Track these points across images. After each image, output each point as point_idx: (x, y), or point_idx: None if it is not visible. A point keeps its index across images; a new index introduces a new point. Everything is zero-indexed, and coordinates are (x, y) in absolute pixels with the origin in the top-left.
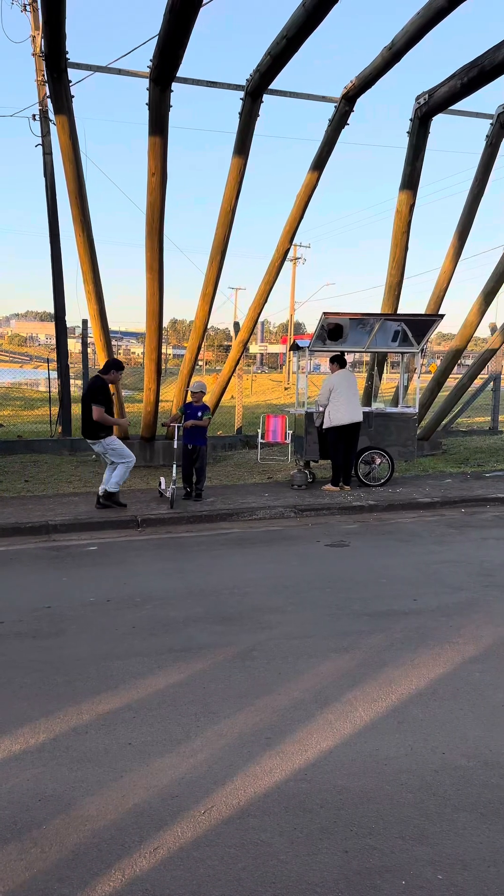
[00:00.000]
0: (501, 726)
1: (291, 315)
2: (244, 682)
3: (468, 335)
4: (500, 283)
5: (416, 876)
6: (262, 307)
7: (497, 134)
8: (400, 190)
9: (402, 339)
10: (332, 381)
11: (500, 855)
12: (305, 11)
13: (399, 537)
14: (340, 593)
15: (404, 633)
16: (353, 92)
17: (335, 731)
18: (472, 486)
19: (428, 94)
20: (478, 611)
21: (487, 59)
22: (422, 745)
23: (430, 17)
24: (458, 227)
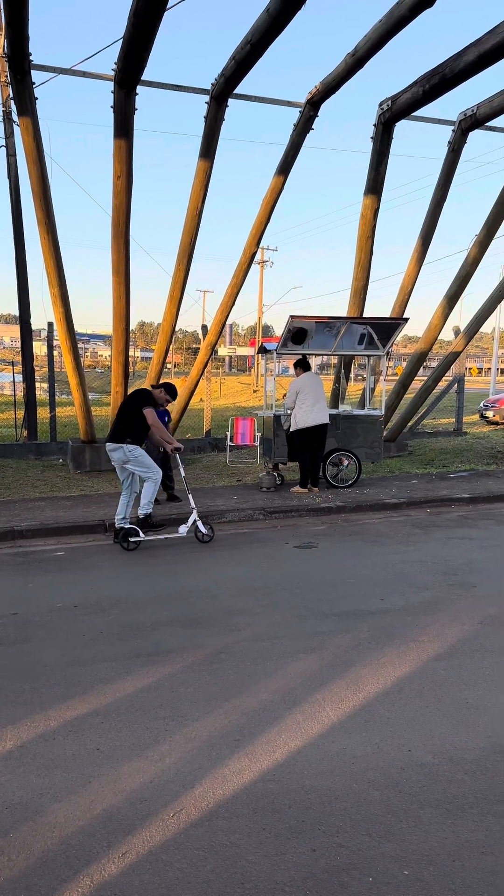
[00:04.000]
0: (466, 723)
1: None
2: (213, 685)
3: (432, 338)
4: (463, 287)
5: (382, 872)
6: (230, 310)
7: (458, 140)
8: (364, 195)
9: (368, 342)
10: (298, 384)
11: (465, 850)
12: (269, 17)
13: (366, 538)
14: (309, 594)
15: (371, 633)
16: (317, 97)
17: (303, 731)
18: (438, 486)
19: (391, 101)
20: (443, 609)
21: (448, 66)
22: (388, 743)
23: (392, 24)
24: (422, 231)
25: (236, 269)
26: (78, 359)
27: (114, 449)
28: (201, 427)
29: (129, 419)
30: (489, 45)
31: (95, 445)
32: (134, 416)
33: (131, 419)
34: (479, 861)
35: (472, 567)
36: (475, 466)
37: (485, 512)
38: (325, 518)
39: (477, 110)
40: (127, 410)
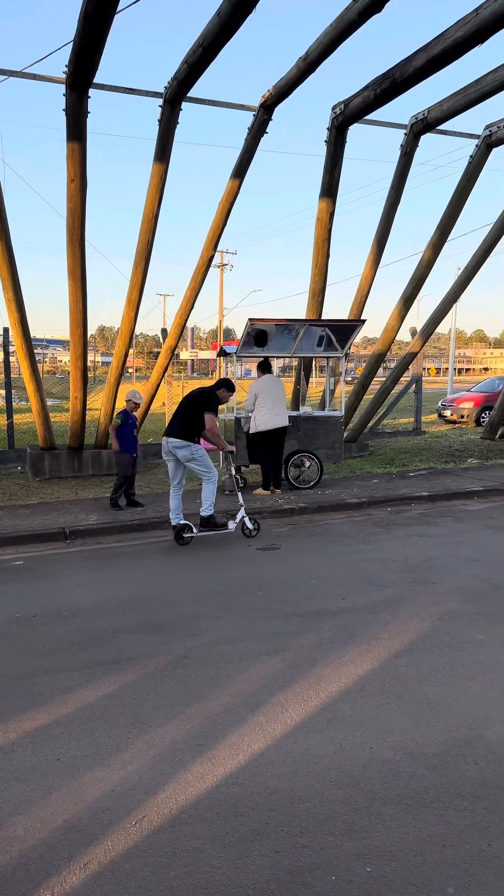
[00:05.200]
0: (426, 718)
1: (220, 321)
2: (175, 691)
3: (390, 339)
4: (419, 289)
5: (345, 870)
6: (189, 313)
7: (410, 144)
8: (320, 198)
9: (327, 344)
10: (256, 386)
11: (426, 844)
12: (220, 21)
13: (328, 538)
14: (271, 596)
15: (333, 632)
16: (270, 101)
17: (266, 733)
18: (398, 485)
19: (344, 104)
20: (403, 606)
21: (398, 71)
22: (350, 742)
23: (342, 29)
24: (377, 234)
25: (194, 273)
26: (34, 365)
27: (180, 446)
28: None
29: (195, 419)
30: (437, 50)
31: (55, 452)
32: (199, 417)
33: (197, 420)
34: (440, 855)
35: (431, 564)
36: (434, 465)
37: (443, 509)
38: (288, 519)
39: (428, 114)
40: (191, 411)
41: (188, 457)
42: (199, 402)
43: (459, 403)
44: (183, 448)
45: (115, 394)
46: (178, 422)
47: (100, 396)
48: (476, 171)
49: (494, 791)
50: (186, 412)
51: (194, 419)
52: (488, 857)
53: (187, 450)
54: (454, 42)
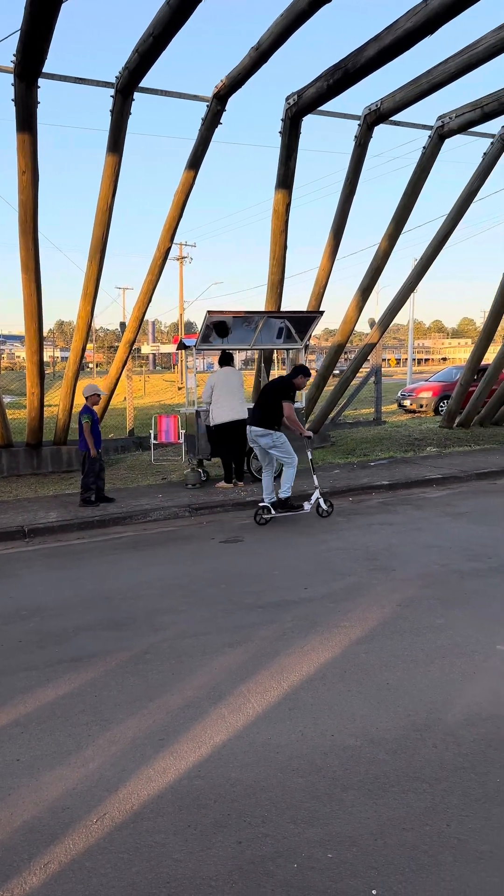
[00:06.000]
0: (386, 703)
1: (181, 314)
2: (137, 687)
3: (348, 330)
4: (375, 280)
5: (307, 857)
6: (147, 306)
7: (364, 135)
8: (276, 189)
9: (287, 336)
10: (213, 379)
11: (386, 828)
12: (170, 9)
13: (291, 529)
14: (234, 588)
15: (295, 622)
16: (223, 91)
17: (228, 724)
18: (359, 475)
19: (297, 95)
20: (364, 594)
21: (350, 61)
22: (312, 730)
23: (293, 19)
24: (333, 226)
25: (151, 265)
26: None
27: (262, 434)
28: (124, 426)
29: (275, 408)
30: (388, 41)
31: (13, 450)
32: (278, 405)
33: (276, 408)
34: (400, 837)
35: (391, 551)
36: (394, 454)
37: (403, 497)
38: (251, 512)
39: (381, 105)
40: (269, 400)
41: (269, 444)
42: (278, 392)
43: (419, 393)
44: (265, 436)
45: (74, 389)
46: (260, 411)
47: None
48: (429, 162)
49: (453, 773)
50: (267, 402)
51: (274, 408)
52: (447, 837)
53: (269, 438)
54: (405, 32)
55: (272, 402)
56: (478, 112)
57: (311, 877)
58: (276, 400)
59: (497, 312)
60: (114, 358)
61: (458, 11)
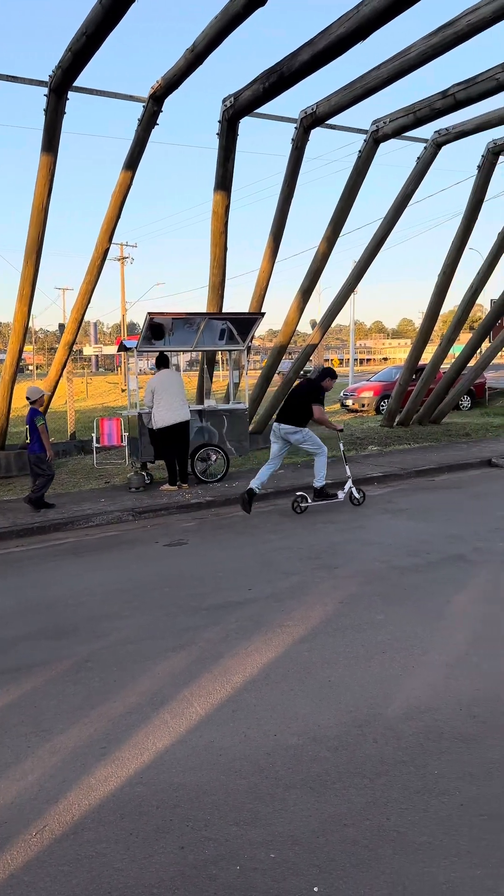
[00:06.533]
0: (328, 700)
1: (123, 315)
2: (78, 695)
3: (290, 332)
4: (315, 282)
5: (250, 859)
6: (86, 308)
7: (301, 138)
8: (214, 191)
9: (229, 338)
10: (153, 382)
11: (328, 824)
12: (103, 9)
13: (236, 530)
14: (178, 592)
15: (239, 623)
16: (160, 92)
17: (171, 729)
18: (303, 474)
19: (234, 97)
20: (307, 593)
21: (285, 65)
22: (255, 731)
23: (228, 21)
24: (273, 228)
25: (89, 266)
26: None
27: (292, 432)
28: (65, 430)
29: (304, 408)
30: (321, 46)
31: None
32: (307, 406)
33: (305, 408)
34: (341, 833)
35: (334, 549)
36: (336, 453)
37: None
38: (196, 514)
39: (317, 108)
40: (299, 402)
41: (300, 440)
42: (309, 395)
43: (360, 393)
44: (295, 433)
45: (11, 392)
46: (291, 411)
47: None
48: (365, 166)
49: (392, 767)
50: (297, 403)
51: (304, 408)
52: (387, 831)
53: (299, 434)
54: (337, 38)
55: (302, 403)
56: (411, 117)
57: (254, 878)
58: (307, 401)
59: (433, 314)
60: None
61: (388, 18)
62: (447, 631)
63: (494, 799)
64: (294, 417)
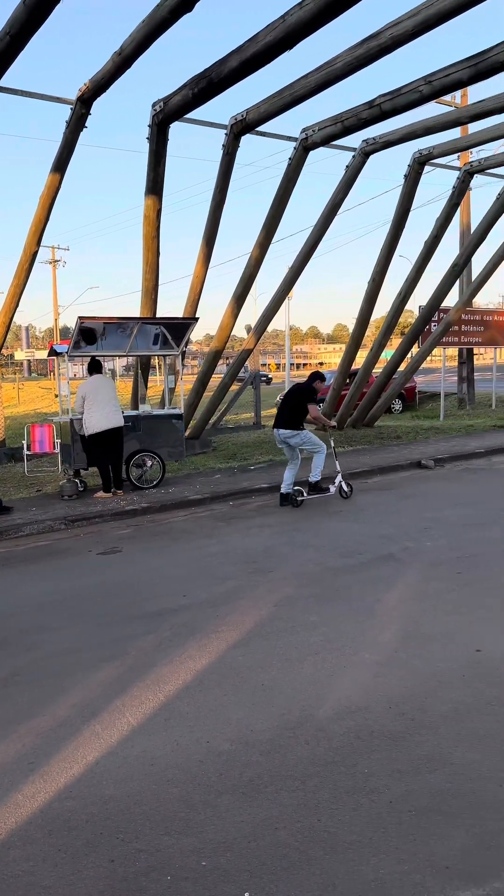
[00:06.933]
0: (261, 704)
1: (56, 319)
2: (5, 711)
3: (225, 336)
4: (249, 287)
5: (181, 868)
6: (14, 312)
7: (232, 144)
8: (146, 195)
9: (163, 342)
10: (84, 388)
11: (260, 829)
12: (26, 9)
13: (172, 536)
14: (112, 601)
15: (173, 631)
16: (87, 95)
17: (102, 741)
18: (239, 479)
19: (163, 102)
20: (242, 597)
21: (214, 71)
22: (188, 738)
23: (155, 26)
24: (205, 233)
25: (17, 269)
26: None
27: (290, 435)
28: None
29: (299, 410)
30: (250, 53)
31: None
32: (302, 409)
33: (300, 410)
34: (273, 837)
35: (269, 553)
36: (273, 457)
37: None
38: (131, 521)
39: (247, 115)
40: (293, 404)
41: (299, 442)
42: (303, 397)
43: None
44: (293, 436)
45: None
46: (286, 416)
47: None
48: (295, 173)
49: (324, 767)
50: (292, 405)
51: (299, 410)
52: (318, 832)
53: (298, 437)
54: (265, 45)
55: (297, 405)
56: (339, 126)
57: (185, 887)
58: (301, 403)
59: (363, 320)
60: None
61: (314, 28)
62: (377, 630)
63: (422, 794)
64: (290, 422)
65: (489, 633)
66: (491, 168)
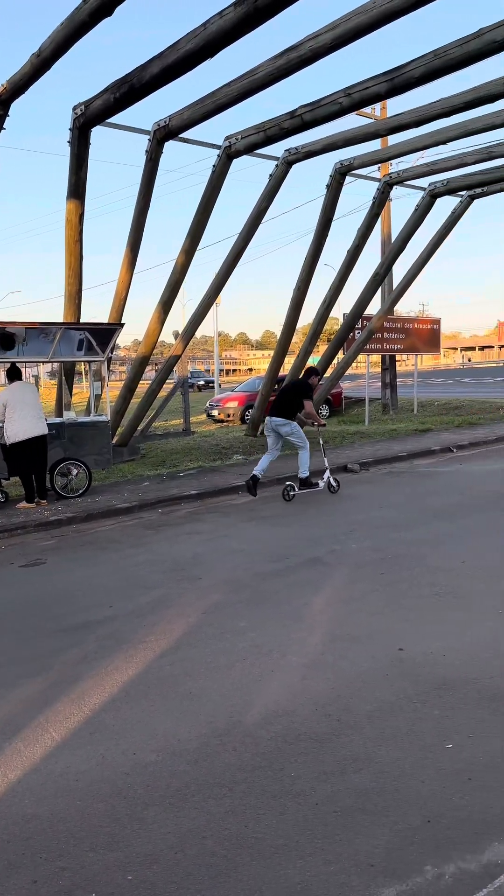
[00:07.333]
0: (188, 713)
1: None
2: None
3: (152, 342)
4: (175, 293)
5: (106, 884)
6: None
7: (155, 150)
8: (67, 199)
9: (88, 348)
10: (4, 396)
11: (187, 839)
12: None
13: (98, 546)
14: (35, 614)
15: (99, 643)
16: (5, 96)
17: (24, 758)
18: (168, 486)
19: (84, 106)
20: (170, 606)
21: (136, 76)
22: (113, 751)
23: (74, 29)
24: (130, 239)
25: None
26: None
27: (282, 424)
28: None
29: (294, 404)
30: (171, 60)
31: None
32: (297, 402)
33: (294, 403)
34: (200, 847)
35: (198, 560)
36: (202, 463)
37: (212, 506)
38: (55, 531)
39: (170, 122)
40: (289, 398)
41: (288, 432)
42: (299, 392)
43: (225, 403)
44: (284, 426)
45: None
46: (282, 406)
47: None
48: (220, 180)
49: (251, 773)
50: (287, 399)
51: (294, 403)
52: (245, 838)
53: (288, 427)
54: (186, 53)
55: (292, 399)
56: (261, 135)
57: None
58: (297, 397)
59: (290, 326)
60: None
61: (234, 38)
62: (305, 633)
63: (347, 794)
64: (285, 411)
65: (410, 632)
66: (409, 180)
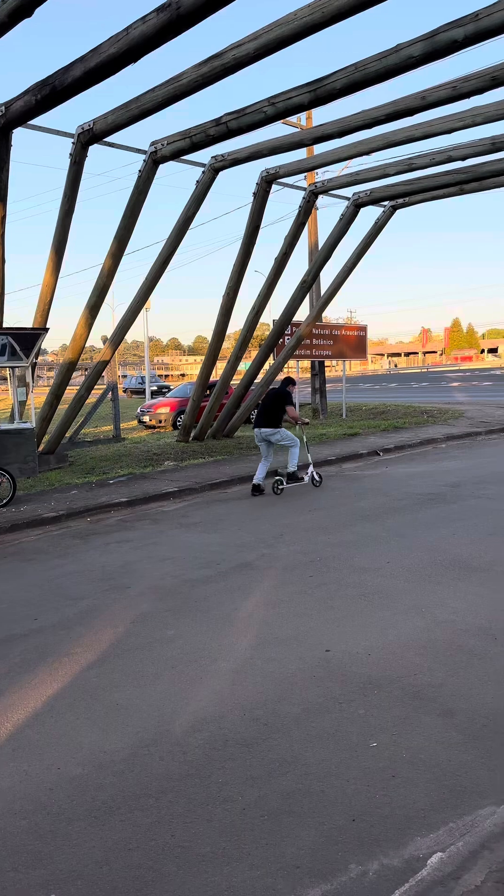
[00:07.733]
0: (115, 725)
1: None
2: None
3: (79, 347)
4: (103, 298)
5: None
6: None
7: (79, 153)
8: None
9: (11, 353)
10: None
11: (112, 852)
12: None
13: (22, 557)
14: None
15: (24, 656)
16: None
17: None
18: (98, 493)
19: (5, 107)
20: (98, 616)
21: (57, 79)
22: (37, 767)
23: None
24: (54, 242)
25: None
26: None
27: (271, 433)
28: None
29: (278, 411)
30: (93, 63)
31: None
32: (280, 409)
33: (279, 411)
34: (126, 859)
35: (127, 569)
36: (133, 470)
37: (142, 513)
38: None
39: (94, 125)
40: (273, 406)
41: (279, 439)
42: (281, 400)
43: (157, 409)
44: (274, 434)
45: None
46: (267, 416)
47: None
48: (146, 185)
49: (178, 782)
50: (272, 408)
51: (278, 411)
52: (172, 847)
53: (277, 434)
54: (109, 57)
55: (276, 408)
56: (187, 141)
57: None
58: (281, 405)
59: (220, 332)
60: None
61: (157, 44)
62: (234, 638)
63: (274, 798)
64: (271, 420)
65: (337, 633)
66: (334, 189)
